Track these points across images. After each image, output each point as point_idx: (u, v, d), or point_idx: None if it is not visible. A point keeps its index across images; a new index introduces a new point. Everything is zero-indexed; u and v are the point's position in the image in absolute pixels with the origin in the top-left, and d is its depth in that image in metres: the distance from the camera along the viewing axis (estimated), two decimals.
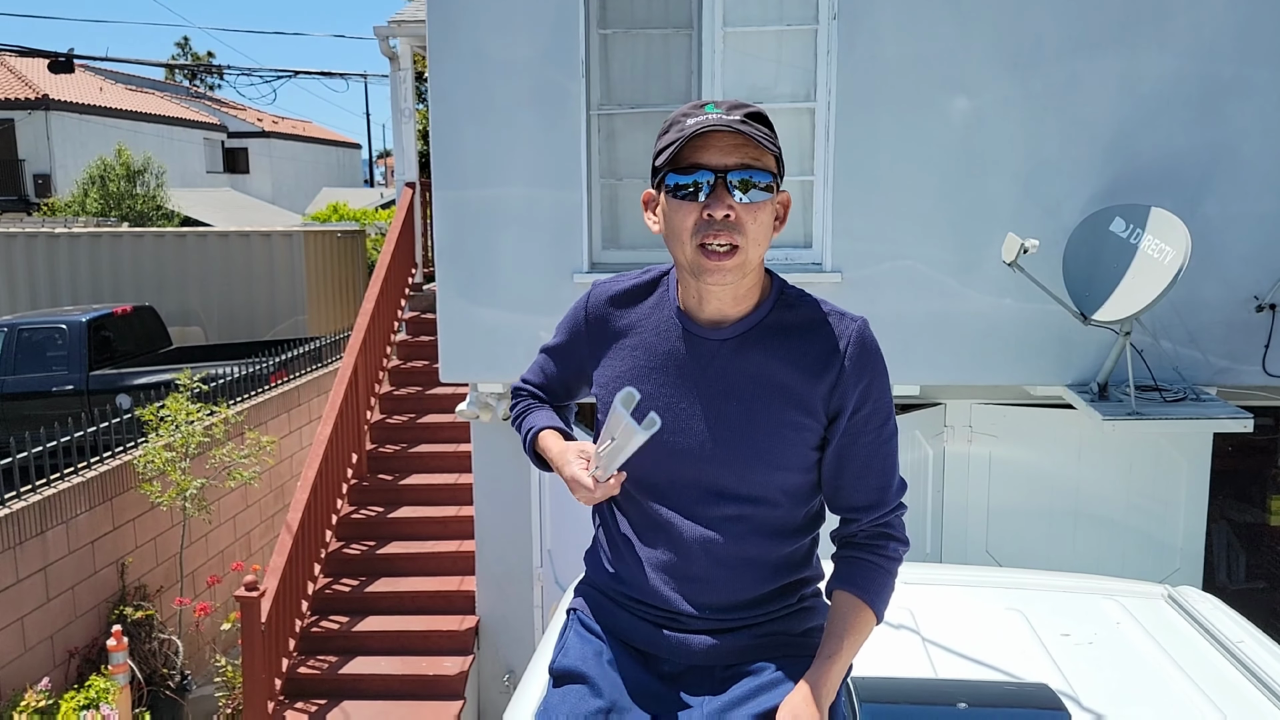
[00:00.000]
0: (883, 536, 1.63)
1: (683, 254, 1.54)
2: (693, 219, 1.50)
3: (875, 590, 1.60)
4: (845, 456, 1.60)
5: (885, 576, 1.62)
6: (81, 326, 9.61)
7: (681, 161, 1.51)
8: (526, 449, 1.79)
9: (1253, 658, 2.25)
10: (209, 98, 33.64)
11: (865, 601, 1.59)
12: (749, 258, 1.52)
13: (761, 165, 1.51)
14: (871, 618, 1.60)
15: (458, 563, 6.57)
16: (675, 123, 1.53)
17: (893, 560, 1.63)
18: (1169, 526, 5.16)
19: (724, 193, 1.49)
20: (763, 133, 1.50)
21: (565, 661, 1.66)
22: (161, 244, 12.71)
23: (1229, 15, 4.53)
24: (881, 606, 1.61)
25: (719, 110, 1.51)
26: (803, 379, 1.57)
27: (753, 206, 1.50)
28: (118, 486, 6.95)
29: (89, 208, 18.91)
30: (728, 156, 1.49)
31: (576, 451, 1.61)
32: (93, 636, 6.65)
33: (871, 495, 1.62)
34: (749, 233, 1.50)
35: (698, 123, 1.49)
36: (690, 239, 1.51)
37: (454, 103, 4.92)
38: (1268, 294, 4.65)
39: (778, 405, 1.57)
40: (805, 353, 1.58)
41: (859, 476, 1.61)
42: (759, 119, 1.52)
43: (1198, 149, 4.63)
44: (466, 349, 5.11)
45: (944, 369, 4.90)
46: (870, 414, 1.59)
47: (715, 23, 4.80)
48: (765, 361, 1.58)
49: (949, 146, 4.74)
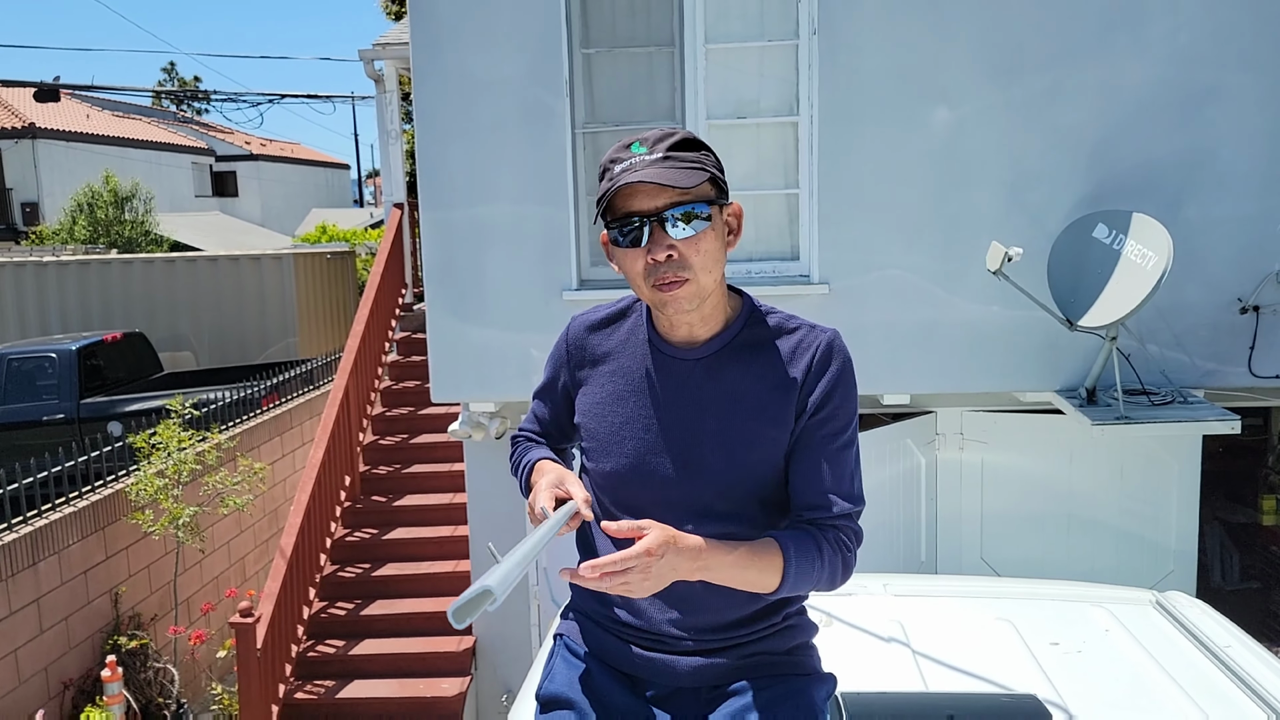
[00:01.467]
0: (829, 526, 1.56)
1: (641, 294, 1.59)
2: (640, 264, 1.54)
3: (799, 556, 1.49)
4: (795, 456, 1.58)
5: (814, 551, 1.51)
6: (71, 355, 9.58)
7: (616, 211, 1.55)
8: (523, 492, 1.76)
9: (1240, 662, 2.26)
10: (196, 122, 33.68)
11: (784, 555, 1.49)
12: (701, 285, 1.55)
13: (692, 197, 1.53)
14: (777, 561, 1.48)
15: (454, 583, 6.55)
16: (606, 170, 1.56)
17: (830, 547, 1.53)
18: (1162, 529, 5.18)
19: (661, 234, 1.52)
20: (687, 166, 1.52)
21: (552, 688, 1.66)
22: (151, 270, 12.70)
23: (1205, 22, 4.58)
24: (793, 570, 1.49)
25: (644, 149, 1.53)
26: (776, 393, 1.58)
27: (694, 239, 1.53)
28: (110, 515, 6.92)
29: (77, 235, 18.89)
30: (656, 199, 1.52)
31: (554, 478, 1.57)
32: (87, 667, 6.61)
33: (816, 497, 1.56)
34: (694, 264, 1.53)
35: (624, 170, 1.51)
36: (644, 282, 1.55)
37: (439, 123, 4.94)
38: (1251, 296, 4.68)
39: (753, 421, 1.58)
40: (776, 367, 1.60)
41: (804, 476, 1.57)
42: (686, 146, 1.54)
43: (1178, 154, 4.67)
44: (458, 368, 5.12)
45: (933, 377, 4.92)
46: (826, 418, 1.57)
47: (697, 40, 4.83)
48: (739, 378, 1.60)
49: (932, 156, 4.77)
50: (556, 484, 1.56)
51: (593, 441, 1.69)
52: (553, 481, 1.56)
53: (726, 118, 4.90)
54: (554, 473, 1.60)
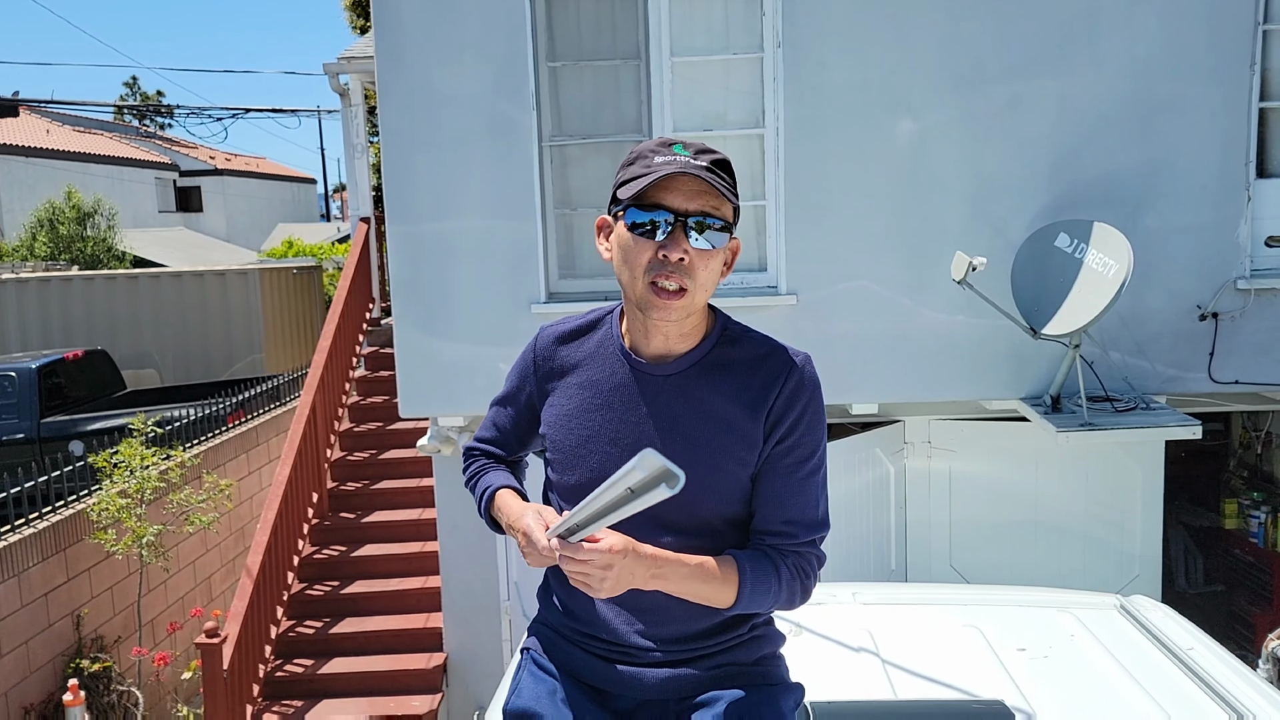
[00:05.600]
0: (790, 551, 1.59)
1: (632, 287, 1.57)
2: (647, 256, 1.53)
3: (755, 571, 1.54)
4: (759, 482, 1.60)
5: (770, 572, 1.55)
6: (31, 373, 9.41)
7: (644, 199, 1.53)
8: (481, 511, 1.78)
9: (1203, 665, 2.29)
10: (159, 137, 33.26)
11: (739, 575, 1.53)
12: (695, 300, 1.55)
13: (720, 214, 1.54)
14: (733, 576, 1.53)
15: (423, 599, 6.49)
16: (642, 157, 1.55)
17: (787, 571, 1.57)
18: (1127, 534, 5.24)
19: (681, 236, 1.52)
20: (726, 184, 1.53)
21: (519, 702, 1.65)
22: (113, 286, 12.52)
23: (1159, 34, 4.67)
24: (748, 589, 1.54)
25: (687, 153, 1.53)
26: (745, 413, 1.59)
27: (706, 253, 1.53)
28: (71, 536, 6.79)
29: (38, 252, 18.57)
30: (690, 201, 1.52)
31: (535, 512, 1.58)
32: (49, 691, 6.47)
33: (780, 526, 1.59)
34: (699, 277, 1.53)
35: (665, 162, 1.51)
36: (643, 275, 1.54)
37: (405, 137, 4.92)
38: (1210, 303, 4.77)
39: (721, 439, 1.58)
40: (748, 387, 1.59)
41: (768, 505, 1.60)
42: (724, 167, 1.55)
43: (1136, 164, 4.75)
44: (426, 383, 5.08)
45: (901, 386, 4.96)
46: (793, 445, 1.59)
47: (663, 53, 4.86)
48: (709, 396, 1.60)
49: (897, 168, 4.82)
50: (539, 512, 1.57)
51: (558, 453, 1.67)
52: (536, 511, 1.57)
53: (693, 130, 4.92)
54: (532, 509, 1.61)
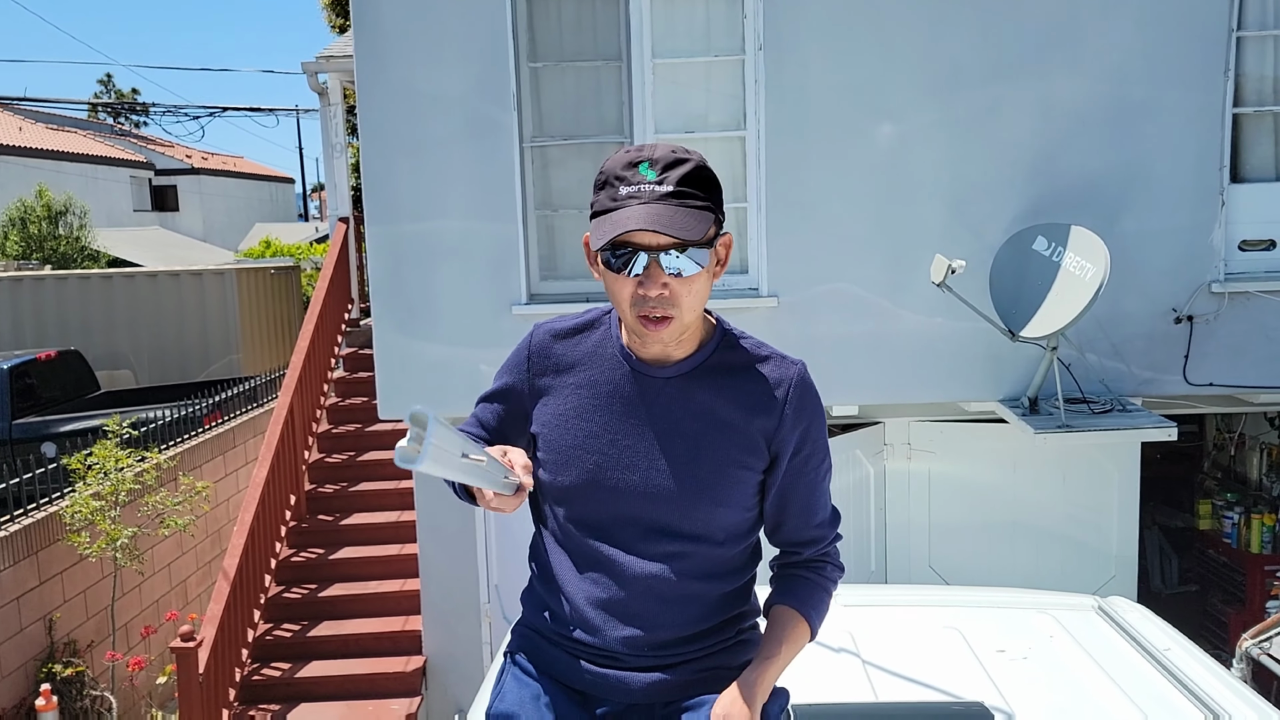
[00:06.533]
0: (821, 562, 1.70)
1: (622, 315, 1.56)
2: (628, 291, 1.49)
3: (813, 605, 1.67)
4: (788, 496, 1.64)
5: (823, 595, 1.69)
6: (2, 374, 9.28)
7: (614, 239, 1.46)
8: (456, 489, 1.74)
9: (1179, 665, 2.32)
10: (135, 135, 32.91)
11: (803, 615, 1.65)
12: (685, 322, 1.53)
13: (694, 240, 1.47)
14: (807, 631, 1.65)
15: (402, 602, 6.45)
16: (609, 184, 1.48)
17: (830, 581, 1.71)
18: (1104, 534, 5.29)
19: (657, 271, 1.47)
20: (696, 208, 1.46)
21: (502, 707, 1.64)
22: (87, 286, 12.37)
23: (1136, 40, 4.72)
24: (817, 622, 1.67)
25: (653, 173, 1.46)
26: (746, 418, 1.59)
27: (688, 279, 1.49)
28: (44, 539, 6.70)
29: (9, 251, 18.33)
30: (659, 236, 1.45)
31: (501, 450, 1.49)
32: (20, 697, 6.38)
33: (813, 532, 1.69)
34: (684, 304, 1.50)
35: (630, 195, 1.45)
36: (629, 309, 1.51)
37: (385, 138, 4.89)
38: (1185, 306, 4.82)
39: (722, 443, 1.58)
40: (749, 392, 1.59)
41: (801, 515, 1.67)
42: (695, 180, 1.48)
43: (1113, 168, 4.79)
44: (405, 384, 5.06)
45: (881, 388, 4.98)
46: (810, 454, 1.64)
47: (644, 55, 4.85)
48: (710, 400, 1.59)
49: (877, 171, 4.85)
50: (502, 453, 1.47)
51: (552, 453, 1.63)
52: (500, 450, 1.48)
53: (675, 132, 4.92)
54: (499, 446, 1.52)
